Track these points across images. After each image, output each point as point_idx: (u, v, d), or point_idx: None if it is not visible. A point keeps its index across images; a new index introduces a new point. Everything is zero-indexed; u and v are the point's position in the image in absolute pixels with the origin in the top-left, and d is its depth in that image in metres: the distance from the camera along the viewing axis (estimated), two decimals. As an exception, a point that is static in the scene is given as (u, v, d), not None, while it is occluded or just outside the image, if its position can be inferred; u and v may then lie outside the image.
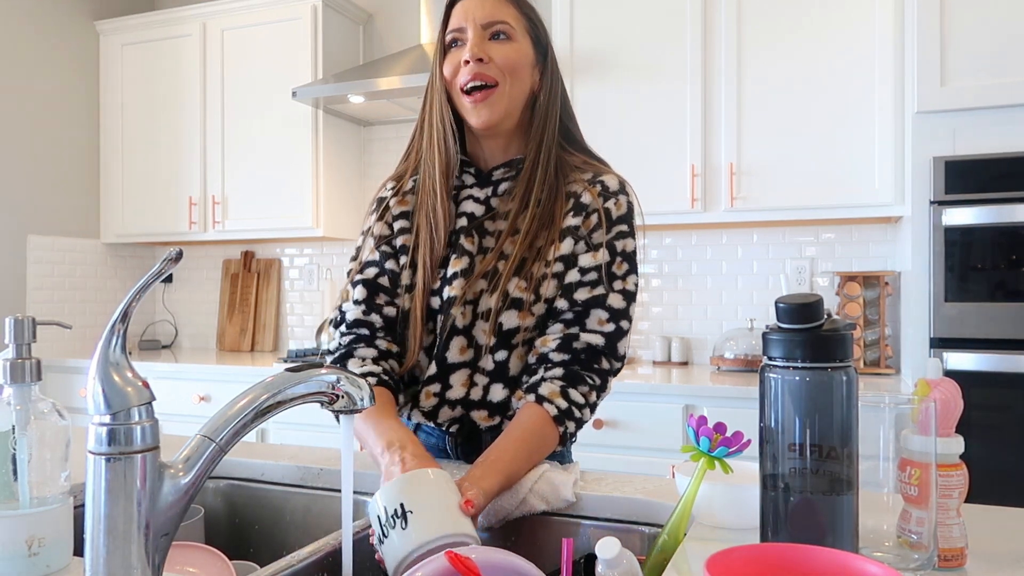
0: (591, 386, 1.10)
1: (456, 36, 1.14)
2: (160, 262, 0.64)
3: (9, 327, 0.77)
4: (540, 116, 1.17)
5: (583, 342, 1.10)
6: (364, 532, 0.97)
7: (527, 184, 1.15)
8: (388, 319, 1.17)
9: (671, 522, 0.83)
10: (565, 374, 1.08)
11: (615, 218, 1.15)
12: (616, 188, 1.17)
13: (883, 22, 2.48)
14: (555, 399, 1.06)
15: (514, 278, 1.12)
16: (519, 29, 1.15)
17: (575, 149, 1.22)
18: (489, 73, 1.12)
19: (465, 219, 1.17)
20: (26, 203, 3.33)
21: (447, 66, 1.14)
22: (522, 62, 1.15)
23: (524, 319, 1.12)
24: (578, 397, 1.08)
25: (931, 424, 0.72)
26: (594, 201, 1.15)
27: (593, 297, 1.12)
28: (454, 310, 1.12)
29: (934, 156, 2.20)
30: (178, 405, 3.04)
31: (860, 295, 2.66)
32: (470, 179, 1.20)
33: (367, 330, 1.16)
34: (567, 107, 1.23)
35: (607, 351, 1.11)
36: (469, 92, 1.12)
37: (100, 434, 0.61)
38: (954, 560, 0.74)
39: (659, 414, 2.41)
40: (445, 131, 1.16)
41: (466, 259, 1.15)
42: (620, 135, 2.77)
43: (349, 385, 0.74)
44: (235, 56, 3.35)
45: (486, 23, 1.12)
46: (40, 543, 0.74)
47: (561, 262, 1.13)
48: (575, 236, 1.14)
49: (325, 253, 3.63)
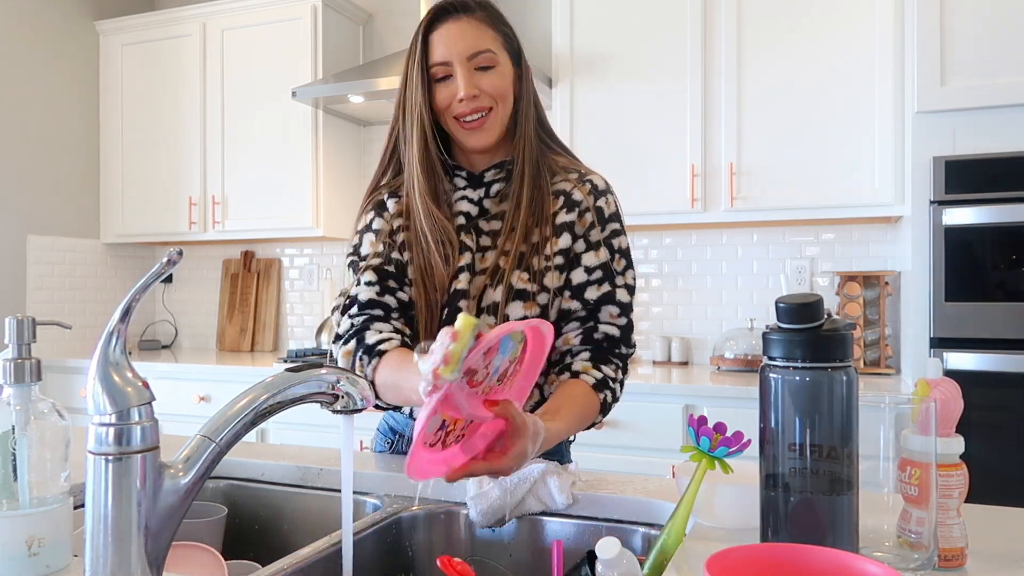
0: (616, 366, 1.18)
1: (443, 71, 1.16)
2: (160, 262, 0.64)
3: (9, 327, 0.77)
4: (522, 119, 1.22)
5: (602, 333, 1.17)
6: (364, 532, 0.97)
7: (519, 181, 1.20)
8: (401, 302, 1.18)
9: (671, 522, 0.83)
10: (592, 355, 1.17)
11: (607, 216, 1.22)
12: (604, 187, 1.24)
13: (883, 22, 2.48)
14: (590, 371, 1.14)
15: (516, 271, 1.16)
16: (499, 50, 1.18)
17: (556, 147, 1.28)
18: (483, 104, 1.17)
19: (463, 218, 1.21)
20: (26, 203, 3.33)
21: (439, 98, 1.17)
22: (508, 84, 1.20)
23: (530, 309, 1.16)
24: (609, 371, 1.16)
25: (931, 424, 0.72)
26: (585, 199, 1.21)
27: (603, 295, 1.18)
28: (461, 303, 1.15)
29: (934, 156, 2.20)
30: (178, 405, 3.04)
31: (860, 295, 2.66)
32: (462, 181, 1.24)
33: (381, 310, 1.16)
34: (539, 104, 1.27)
35: (624, 341, 1.20)
36: (467, 123, 1.17)
37: (100, 434, 0.61)
38: (954, 560, 0.74)
39: (659, 414, 2.41)
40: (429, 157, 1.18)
41: (468, 255, 1.18)
42: (620, 135, 2.77)
43: (349, 385, 0.74)
44: (235, 56, 3.35)
45: (470, 55, 1.15)
46: (40, 543, 0.74)
47: (561, 255, 1.19)
48: (572, 232, 1.19)
49: (325, 253, 3.63)
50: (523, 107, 1.22)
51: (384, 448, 1.30)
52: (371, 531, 0.98)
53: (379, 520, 1.01)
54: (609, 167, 1.27)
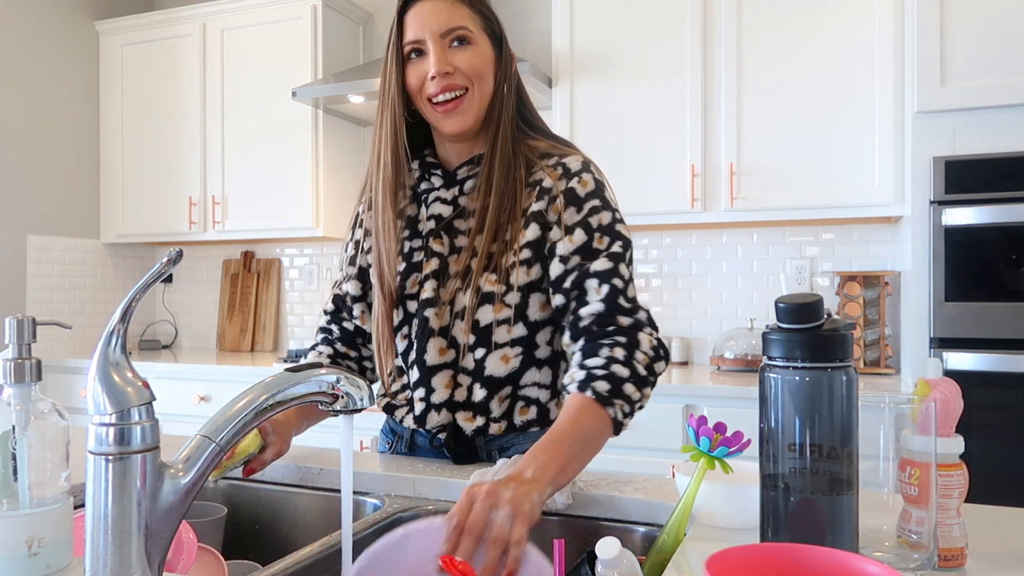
0: (611, 344, 1.03)
1: (415, 47, 1.12)
2: (160, 262, 0.64)
3: (9, 327, 0.77)
4: (498, 107, 1.16)
5: (586, 317, 1.07)
6: (364, 532, 0.97)
7: (487, 176, 1.14)
8: (346, 331, 1.29)
9: (671, 522, 0.83)
10: (580, 355, 1.05)
11: (583, 196, 1.12)
12: (578, 168, 1.14)
13: (883, 22, 2.48)
14: (574, 376, 1.02)
15: (484, 272, 1.12)
16: (476, 30, 1.13)
17: (538, 134, 1.21)
18: (457, 82, 1.11)
19: (433, 221, 1.18)
20: (26, 203, 3.33)
21: (412, 77, 1.13)
22: (485, 64, 1.14)
23: (498, 311, 1.11)
24: (596, 361, 1.02)
25: (931, 424, 0.72)
26: (555, 184, 1.12)
27: (576, 276, 1.09)
28: (428, 311, 1.13)
29: (934, 156, 2.20)
30: (178, 405, 3.04)
31: (860, 295, 2.66)
32: (437, 180, 1.21)
33: (328, 335, 1.30)
34: (523, 95, 1.22)
35: (615, 310, 1.06)
36: (440, 103, 1.12)
37: (100, 434, 0.61)
38: (954, 560, 0.74)
39: (659, 414, 2.41)
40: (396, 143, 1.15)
41: (436, 260, 1.16)
42: (620, 135, 2.77)
43: (349, 385, 0.74)
44: (235, 56, 3.35)
45: (444, 31, 1.11)
46: (40, 543, 0.74)
47: (528, 248, 1.11)
48: (540, 221, 1.11)
49: (325, 253, 3.63)
50: (501, 96, 1.16)
51: (384, 448, 1.30)
52: (371, 531, 0.98)
53: (379, 520, 1.01)
54: (609, 167, 1.26)
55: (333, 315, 1.30)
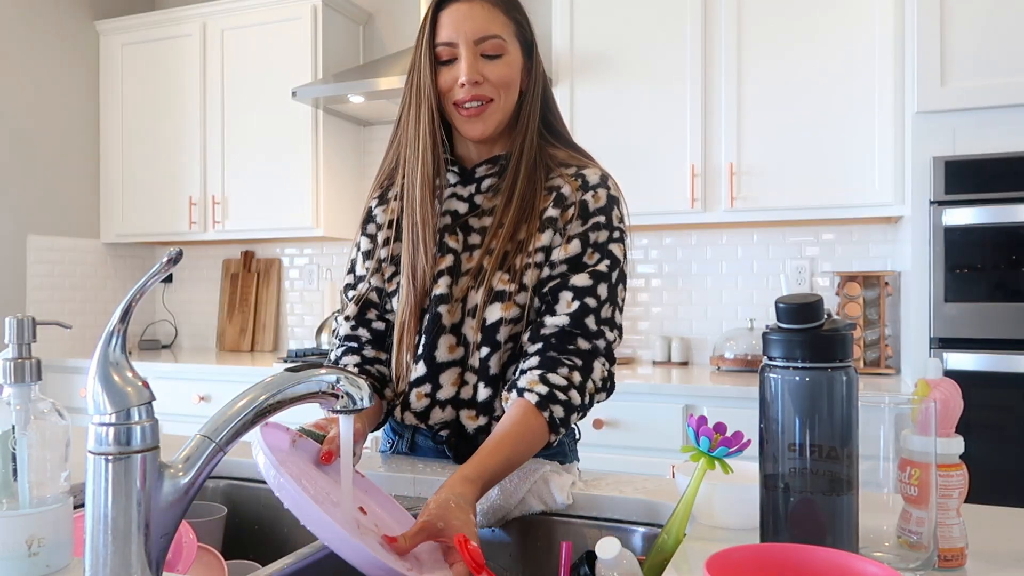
0: (571, 367, 1.06)
1: (448, 52, 1.13)
2: (160, 262, 0.64)
3: (9, 327, 0.77)
4: (525, 113, 1.18)
5: (550, 326, 1.08)
6: (364, 532, 0.97)
7: (512, 180, 1.15)
8: (376, 332, 1.22)
9: (671, 522, 0.83)
10: (541, 362, 1.06)
11: (592, 210, 1.14)
12: (596, 182, 1.16)
13: (883, 22, 2.48)
14: (535, 387, 1.03)
15: (498, 272, 1.12)
16: (508, 37, 1.14)
17: (559, 142, 1.22)
18: (485, 93, 1.12)
19: (449, 217, 1.18)
20: (26, 203, 3.33)
21: (442, 80, 1.14)
22: (514, 74, 1.15)
23: (507, 310, 1.11)
24: (559, 380, 1.04)
25: (931, 424, 0.72)
26: (573, 194, 1.14)
27: (557, 284, 1.11)
28: (441, 308, 1.13)
29: (934, 156, 2.20)
30: (178, 405, 3.04)
31: (860, 295, 2.66)
32: (453, 177, 1.21)
33: (355, 343, 1.21)
34: (550, 100, 1.23)
35: (577, 330, 1.08)
36: (466, 108, 1.13)
37: (100, 434, 0.61)
38: (954, 560, 0.74)
39: (659, 414, 2.41)
40: (435, 143, 1.15)
41: (451, 257, 1.16)
42: (620, 135, 2.77)
43: (349, 385, 0.74)
44: (235, 56, 3.35)
45: (478, 38, 1.11)
46: (40, 543, 0.74)
47: (542, 252, 1.13)
48: (553, 228, 1.13)
49: (325, 253, 3.63)
50: (529, 101, 1.17)
51: (385, 448, 1.30)
52: (371, 531, 0.98)
53: (379, 520, 1.00)
54: (609, 167, 1.25)
55: (358, 318, 1.21)
